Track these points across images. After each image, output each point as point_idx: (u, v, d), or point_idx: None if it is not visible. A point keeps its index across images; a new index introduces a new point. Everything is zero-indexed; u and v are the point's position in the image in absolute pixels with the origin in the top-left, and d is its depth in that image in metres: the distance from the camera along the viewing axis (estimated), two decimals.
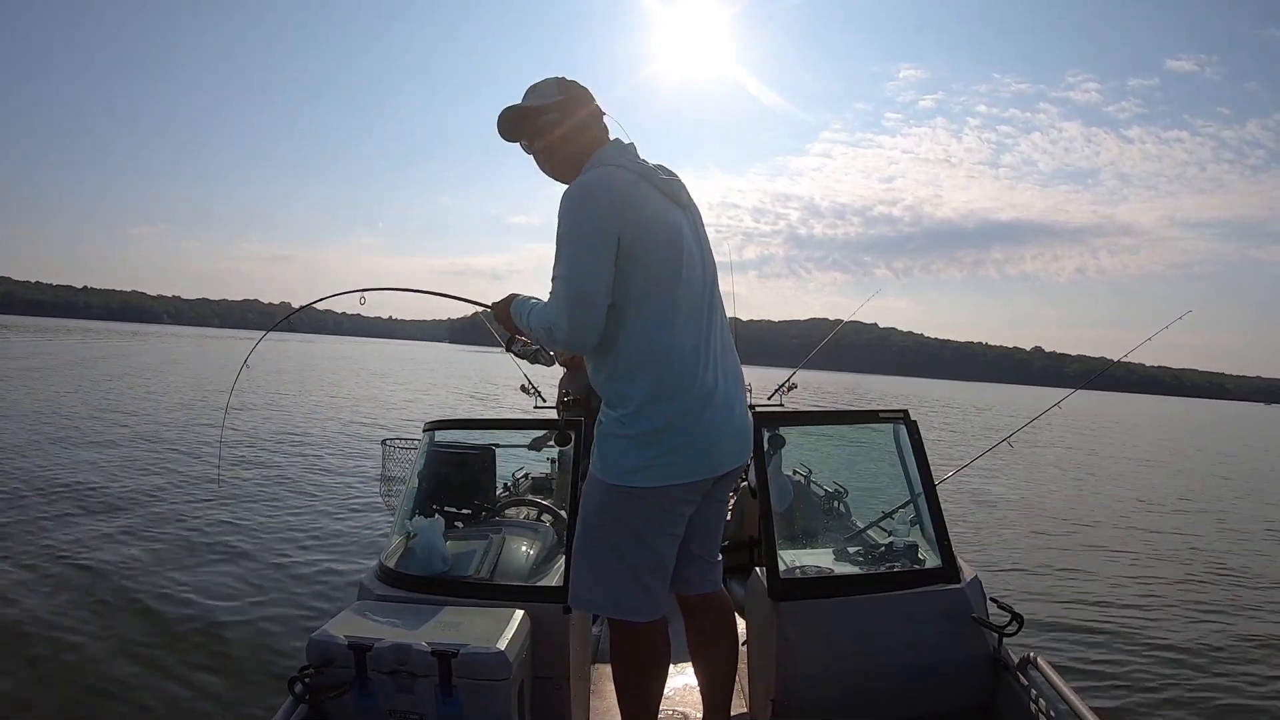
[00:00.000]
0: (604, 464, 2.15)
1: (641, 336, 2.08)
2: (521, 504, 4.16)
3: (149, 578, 6.15)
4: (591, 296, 2.02)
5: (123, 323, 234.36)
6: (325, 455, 13.11)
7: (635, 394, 2.08)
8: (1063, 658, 5.43)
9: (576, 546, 2.28)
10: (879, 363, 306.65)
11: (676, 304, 2.11)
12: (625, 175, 2.11)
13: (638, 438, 2.08)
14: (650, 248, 2.07)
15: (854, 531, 3.61)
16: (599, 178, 2.10)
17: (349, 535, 7.87)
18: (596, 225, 2.03)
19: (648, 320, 2.08)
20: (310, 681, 2.35)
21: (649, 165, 2.19)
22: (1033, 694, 2.67)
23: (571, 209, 2.06)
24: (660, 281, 2.09)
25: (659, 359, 2.08)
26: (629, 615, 2.21)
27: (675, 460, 2.09)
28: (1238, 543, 10.75)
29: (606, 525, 2.19)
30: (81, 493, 8.97)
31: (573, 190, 2.10)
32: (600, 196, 2.06)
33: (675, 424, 2.07)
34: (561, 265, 2.05)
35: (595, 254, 2.02)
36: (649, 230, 2.08)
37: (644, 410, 2.08)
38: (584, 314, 2.02)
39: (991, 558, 8.50)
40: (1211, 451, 30.26)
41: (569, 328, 2.04)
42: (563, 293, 2.04)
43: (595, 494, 2.20)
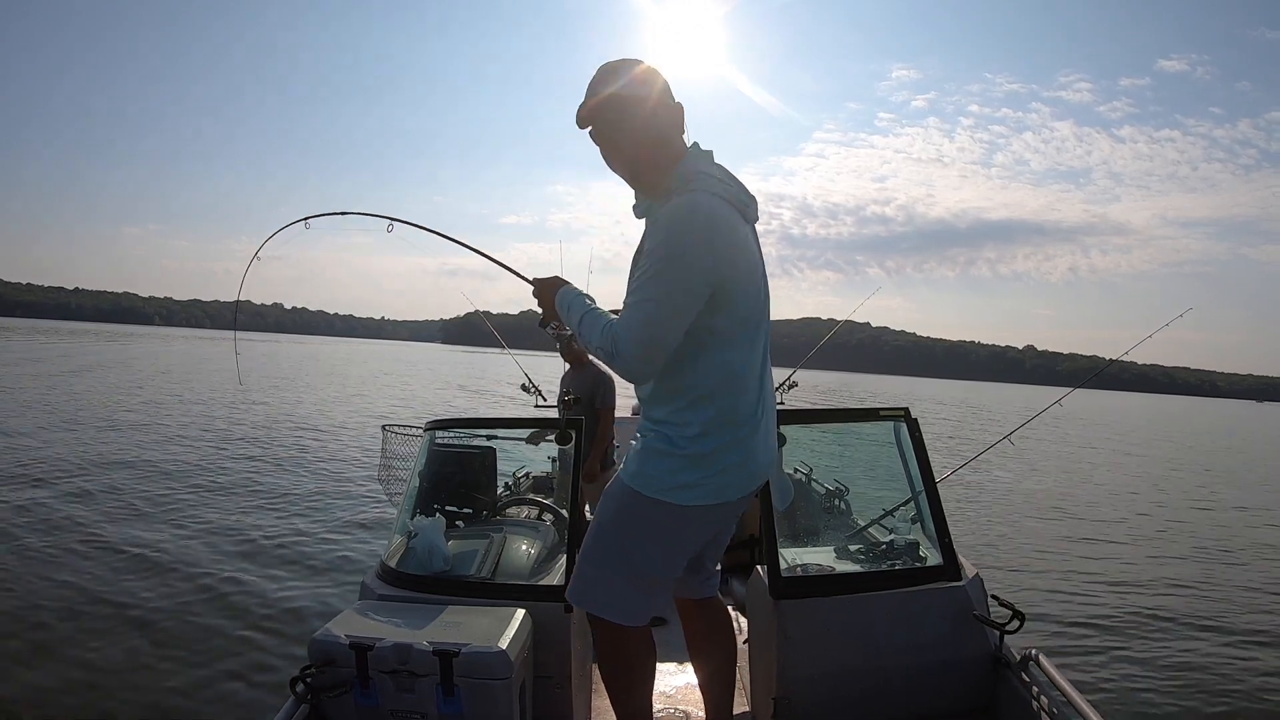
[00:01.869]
0: (644, 476, 2.09)
1: (716, 369, 2.04)
2: (522, 503, 4.15)
3: (150, 578, 6.16)
4: (669, 342, 1.94)
5: (114, 324, 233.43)
6: (325, 456, 13.10)
7: (698, 420, 2.04)
8: (1064, 655, 5.44)
9: (589, 547, 2.21)
10: (872, 362, 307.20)
11: (751, 339, 2.09)
12: (725, 209, 2.00)
13: (690, 457, 2.04)
14: (741, 291, 2.02)
15: (855, 530, 3.61)
16: (707, 212, 1.95)
17: (350, 535, 7.86)
18: (699, 272, 1.92)
19: (725, 355, 2.04)
20: (312, 681, 2.34)
21: (734, 184, 2.09)
22: (1034, 691, 2.67)
23: (678, 243, 1.92)
24: (743, 321, 2.05)
25: (728, 392, 2.05)
26: (627, 620, 2.18)
27: (723, 481, 2.07)
28: (1237, 539, 10.82)
29: (632, 534, 2.14)
30: (81, 494, 8.96)
31: (680, 217, 1.95)
32: (709, 240, 1.94)
33: (729, 448, 2.05)
34: (648, 293, 1.93)
35: (688, 301, 1.93)
36: (743, 275, 2.03)
37: (704, 435, 2.04)
38: (655, 355, 1.95)
39: (992, 555, 8.53)
40: (1206, 449, 30.43)
41: (634, 360, 1.96)
42: (641, 327, 1.92)
43: (624, 502, 2.14)
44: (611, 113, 2.06)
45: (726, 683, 2.60)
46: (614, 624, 2.18)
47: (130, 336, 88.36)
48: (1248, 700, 5.11)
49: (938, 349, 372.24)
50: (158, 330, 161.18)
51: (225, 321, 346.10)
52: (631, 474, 2.13)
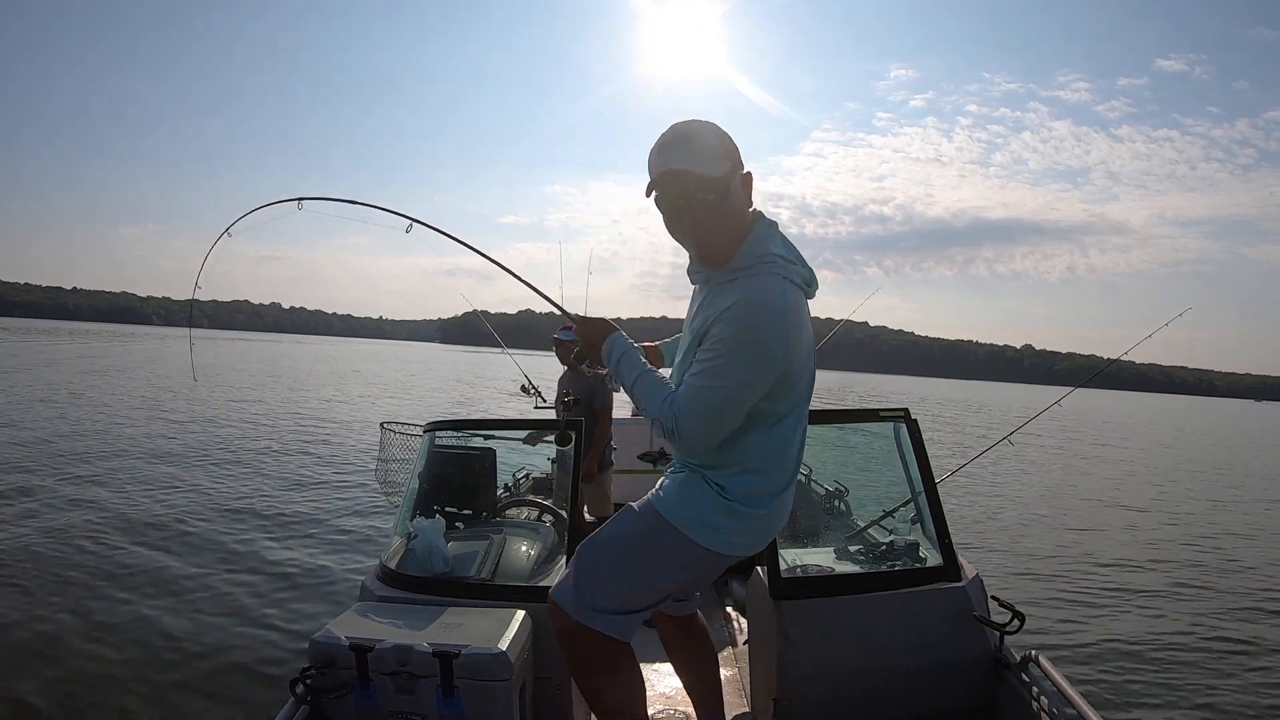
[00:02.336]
0: (681, 511, 2.09)
1: (769, 446, 2.07)
2: (522, 504, 4.15)
3: (149, 579, 6.16)
4: (729, 426, 1.97)
5: (113, 324, 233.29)
6: (325, 457, 13.09)
7: (744, 487, 2.07)
8: (1064, 656, 5.45)
9: (601, 560, 2.18)
10: (870, 361, 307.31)
11: (801, 414, 2.13)
12: (796, 295, 2.00)
13: (734, 512, 2.06)
14: (802, 372, 2.05)
15: (855, 530, 3.61)
16: (782, 305, 1.94)
17: (350, 536, 7.86)
18: (771, 368, 1.94)
19: (779, 433, 2.07)
20: (312, 682, 2.34)
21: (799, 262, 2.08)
22: (1034, 692, 2.67)
23: (755, 338, 1.91)
24: (799, 398, 2.09)
25: (780, 464, 2.10)
26: (623, 636, 2.16)
27: (751, 538, 2.13)
28: (1237, 539, 10.83)
29: (652, 559, 2.14)
30: (79, 495, 8.95)
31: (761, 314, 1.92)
32: (785, 334, 1.93)
33: (765, 511, 2.10)
34: (716, 381, 1.92)
35: (754, 393, 1.95)
36: (805, 357, 2.04)
37: (747, 498, 2.07)
38: (715, 438, 1.98)
39: (993, 556, 8.52)
40: (1205, 448, 30.44)
41: (694, 444, 1.98)
42: (705, 412, 1.94)
43: (651, 525, 2.13)
44: (683, 187, 1.97)
45: (714, 687, 2.66)
46: (595, 633, 2.14)
47: (129, 337, 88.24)
48: (1248, 700, 5.11)
49: (936, 348, 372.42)
50: (156, 330, 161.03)
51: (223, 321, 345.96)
52: (668, 505, 2.12)
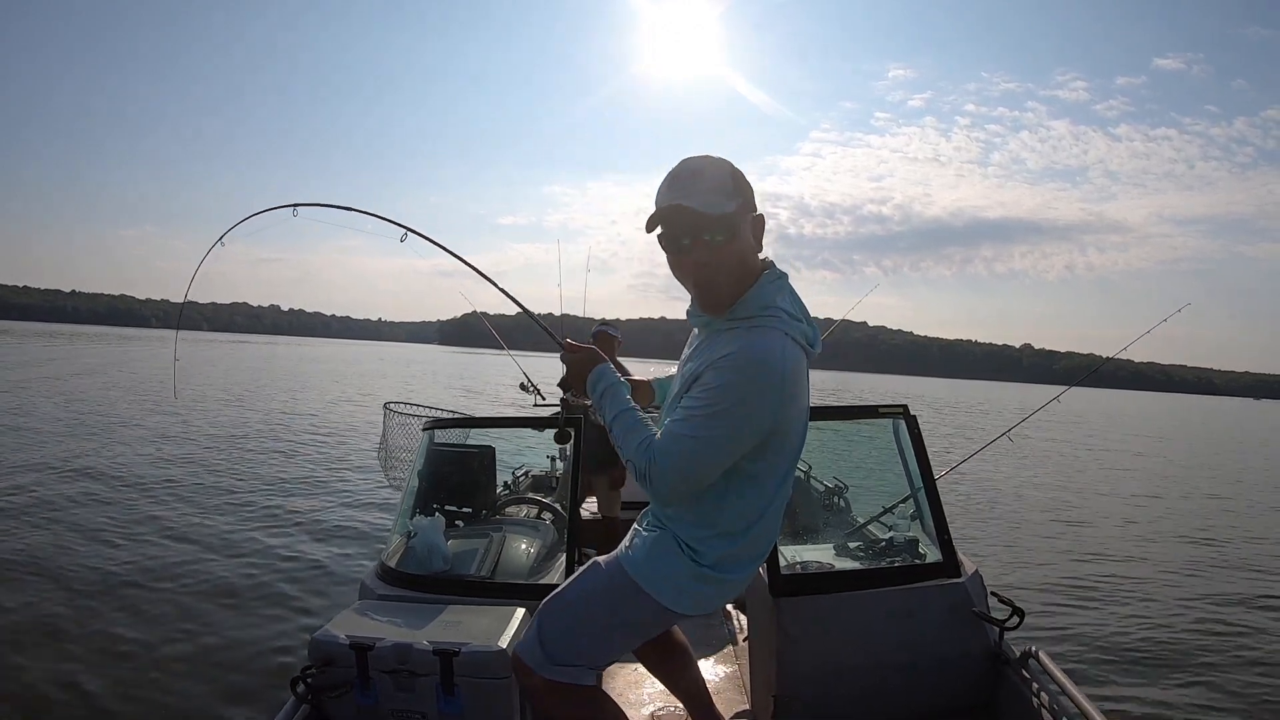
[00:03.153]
0: (648, 572, 2.02)
1: (747, 512, 1.99)
2: (522, 502, 4.16)
3: (150, 579, 6.15)
4: (705, 480, 1.89)
5: (111, 326, 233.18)
6: (324, 456, 13.08)
7: (717, 552, 2.00)
8: (1064, 651, 5.45)
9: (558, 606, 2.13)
10: (868, 361, 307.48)
11: (785, 478, 2.04)
12: (796, 354, 1.89)
13: (702, 575, 2.00)
14: (791, 436, 1.97)
15: (854, 527, 3.61)
16: (782, 365, 1.84)
17: (350, 535, 7.86)
18: (757, 426, 1.85)
19: (763, 495, 1.99)
20: (312, 681, 2.34)
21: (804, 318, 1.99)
22: (1034, 687, 2.67)
23: (746, 393, 1.82)
24: (787, 462, 2.01)
25: (755, 531, 2.01)
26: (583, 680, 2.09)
27: (719, 597, 2.06)
28: (1236, 535, 10.83)
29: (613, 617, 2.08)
30: (82, 496, 8.94)
31: (756, 369, 1.82)
32: (779, 394, 1.84)
33: (737, 575, 2.04)
34: (698, 430, 1.83)
35: (737, 449, 1.86)
36: (796, 420, 1.96)
37: (720, 563, 2.00)
38: (688, 490, 1.90)
39: (992, 552, 8.53)
40: (1203, 446, 30.46)
41: (665, 493, 1.89)
42: (681, 459, 1.84)
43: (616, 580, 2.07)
44: (686, 225, 1.88)
45: (699, 690, 2.60)
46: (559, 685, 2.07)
47: (127, 339, 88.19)
48: (1248, 695, 5.11)
49: (935, 348, 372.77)
50: (154, 333, 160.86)
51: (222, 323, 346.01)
52: (636, 565, 2.04)
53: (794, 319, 1.92)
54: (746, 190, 1.91)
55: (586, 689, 2.09)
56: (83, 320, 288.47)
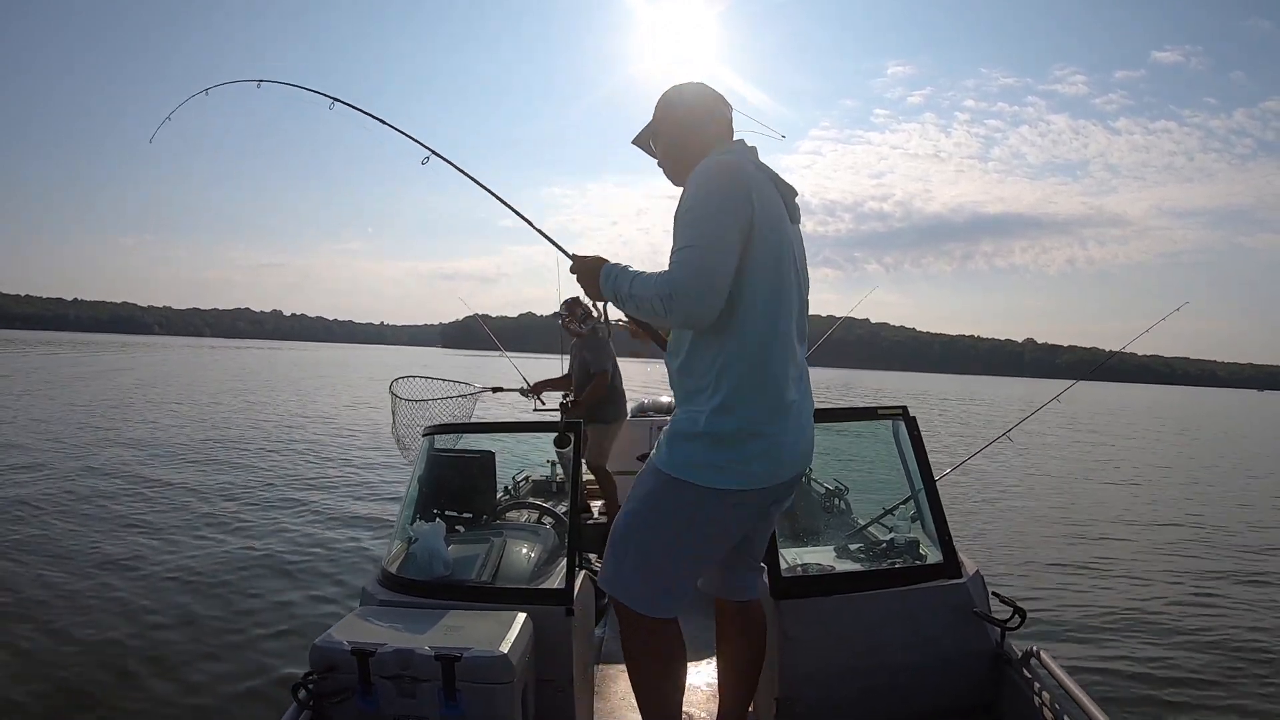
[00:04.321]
0: (670, 456, 2.08)
1: (743, 335, 2.03)
2: (522, 507, 4.16)
3: (151, 584, 6.15)
4: (721, 269, 1.95)
5: (114, 334, 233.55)
6: (325, 461, 13.08)
7: (721, 389, 2.03)
8: (1066, 651, 5.43)
9: (617, 531, 2.19)
10: (871, 358, 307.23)
11: (781, 313, 2.08)
12: (754, 171, 2.10)
13: (714, 437, 2.03)
14: (769, 249, 2.04)
15: (855, 529, 3.62)
16: (733, 161, 2.07)
17: (351, 541, 7.84)
18: (734, 201, 1.98)
19: (753, 320, 2.03)
20: (314, 687, 2.35)
21: (770, 171, 2.17)
22: (1036, 688, 2.67)
23: (709, 180, 2.01)
24: (772, 285, 2.06)
25: (754, 361, 2.04)
26: (650, 610, 2.15)
27: (749, 468, 2.04)
28: (1240, 532, 10.77)
29: (656, 517, 2.12)
30: (79, 499, 8.96)
31: (709, 166, 2.05)
32: (737, 177, 2.02)
33: (754, 429, 2.04)
34: (689, 236, 1.96)
35: (729, 227, 1.96)
36: (775, 232, 2.06)
37: (726, 408, 2.03)
38: (711, 281, 1.93)
39: (993, 552, 8.51)
40: (1207, 439, 30.35)
41: (693, 295, 1.92)
42: (691, 260, 1.93)
43: (651, 484, 2.13)
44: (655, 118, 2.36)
45: (750, 686, 2.54)
46: (639, 614, 2.16)
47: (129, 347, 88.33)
48: (1252, 694, 5.10)
49: (937, 344, 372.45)
50: (158, 339, 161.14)
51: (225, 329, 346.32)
52: (660, 457, 2.12)
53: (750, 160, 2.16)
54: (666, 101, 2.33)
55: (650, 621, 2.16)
56: (85, 328, 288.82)
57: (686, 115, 2.29)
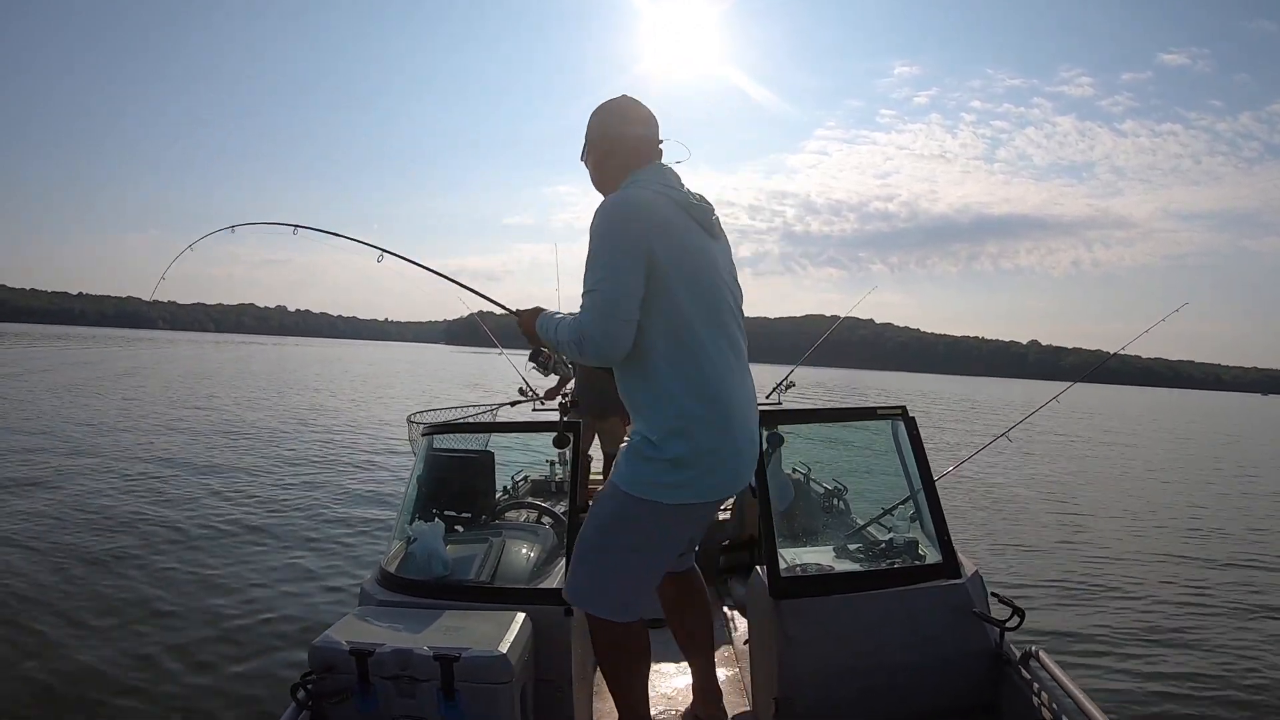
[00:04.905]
0: (631, 476, 2.22)
1: (677, 359, 2.15)
2: (521, 507, 4.16)
3: (150, 585, 6.15)
4: (621, 306, 2.07)
5: (119, 328, 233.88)
6: (325, 460, 13.10)
7: (669, 414, 2.15)
8: (1065, 651, 5.43)
9: (582, 545, 2.36)
10: (876, 358, 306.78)
11: (711, 329, 2.20)
12: (657, 198, 2.20)
13: (672, 461, 2.15)
14: (685, 271, 2.15)
15: (854, 529, 3.61)
16: (631, 195, 2.19)
17: (350, 540, 7.86)
18: (628, 240, 2.09)
19: (683, 343, 2.15)
20: (312, 687, 2.35)
21: (684, 191, 2.27)
22: (1035, 688, 2.67)
23: (603, 223, 2.13)
24: (696, 305, 2.17)
25: (693, 382, 2.15)
26: (616, 615, 2.32)
27: (703, 482, 2.19)
28: (1240, 534, 10.77)
29: (620, 532, 2.28)
30: (82, 498, 8.98)
31: (605, 205, 2.18)
32: (631, 213, 2.14)
33: (706, 448, 2.16)
34: (592, 277, 2.11)
35: (626, 268, 2.08)
36: (682, 253, 2.16)
37: (678, 432, 2.15)
38: (614, 324, 2.07)
39: (992, 552, 8.50)
40: (1207, 443, 30.29)
41: (599, 337, 2.08)
42: (593, 303, 2.09)
43: (614, 502, 2.28)
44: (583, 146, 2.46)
45: (705, 648, 2.81)
46: (607, 620, 2.33)
47: (134, 342, 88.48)
48: (1251, 695, 5.09)
49: (941, 345, 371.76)
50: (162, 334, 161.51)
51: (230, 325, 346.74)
52: (621, 475, 2.26)
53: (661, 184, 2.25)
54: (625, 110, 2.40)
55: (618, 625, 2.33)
56: (90, 323, 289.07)
57: (605, 137, 2.39)
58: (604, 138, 2.39)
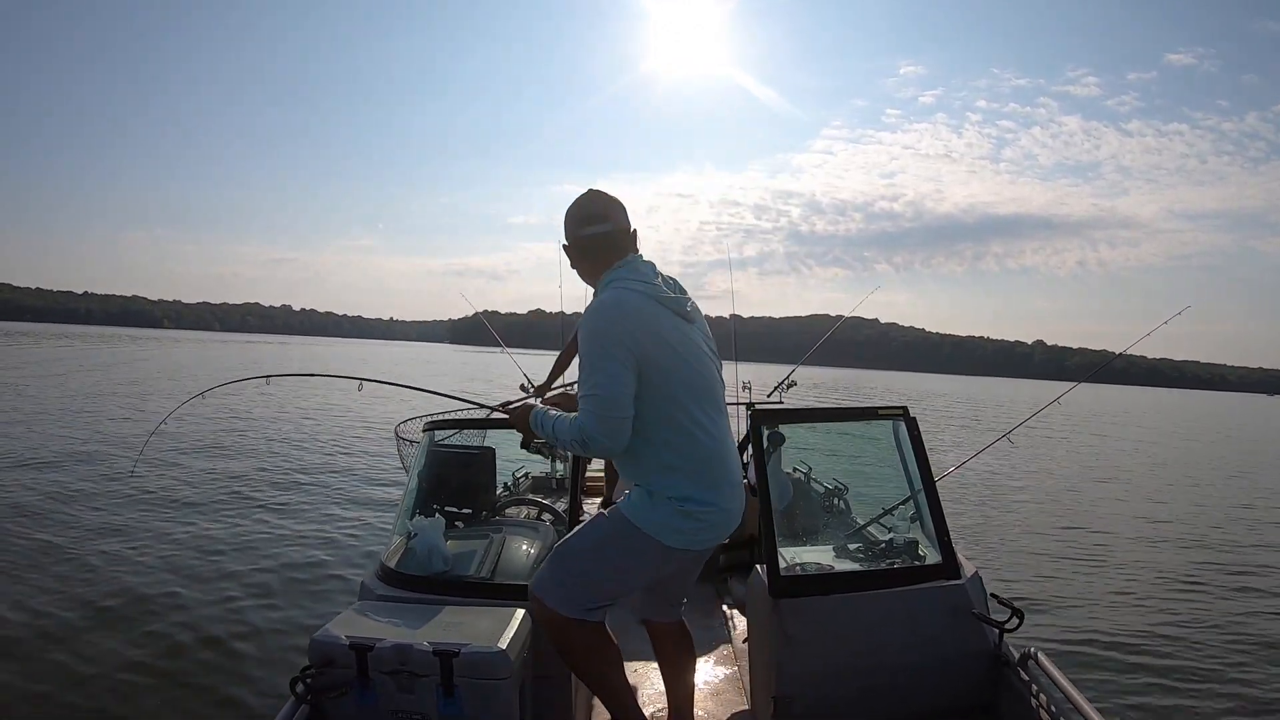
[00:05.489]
0: (643, 512, 2.37)
1: (674, 441, 2.34)
2: (522, 503, 4.16)
3: (151, 579, 6.17)
4: (618, 405, 2.25)
5: (124, 327, 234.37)
6: (326, 456, 13.12)
7: (670, 488, 2.34)
8: (1063, 652, 5.42)
9: (567, 550, 2.47)
10: (880, 358, 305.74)
11: (701, 402, 2.40)
12: (636, 297, 2.37)
13: (681, 512, 2.34)
14: (672, 361, 2.34)
15: (854, 528, 3.62)
16: (613, 300, 2.36)
17: (350, 535, 7.88)
18: (617, 343, 2.26)
19: (679, 424, 2.34)
20: (312, 682, 2.35)
21: (657, 285, 2.44)
22: (1033, 689, 2.67)
23: (592, 327, 2.31)
24: (685, 388, 2.36)
25: (689, 457, 2.36)
26: (590, 616, 2.43)
27: (700, 536, 2.39)
28: (1240, 536, 10.74)
29: (611, 551, 2.42)
30: (78, 494, 9.02)
31: (593, 310, 2.36)
32: (616, 316, 2.31)
33: (702, 509, 2.35)
34: (589, 381, 2.27)
35: (616, 368, 2.25)
36: (667, 346, 2.35)
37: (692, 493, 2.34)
38: (613, 423, 2.25)
39: (992, 553, 8.50)
40: (1213, 444, 30.20)
41: (602, 435, 2.25)
42: (592, 406, 2.25)
43: (610, 528, 2.43)
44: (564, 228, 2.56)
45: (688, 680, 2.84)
46: (565, 619, 2.41)
47: (139, 340, 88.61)
48: (1250, 697, 5.09)
49: (947, 345, 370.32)
50: (168, 333, 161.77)
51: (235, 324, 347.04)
52: (634, 510, 2.39)
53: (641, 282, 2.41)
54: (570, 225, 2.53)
55: (595, 625, 2.45)
56: (96, 321, 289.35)
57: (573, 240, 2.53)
58: (572, 242, 2.54)
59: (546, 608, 2.43)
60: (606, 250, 2.51)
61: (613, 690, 2.55)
